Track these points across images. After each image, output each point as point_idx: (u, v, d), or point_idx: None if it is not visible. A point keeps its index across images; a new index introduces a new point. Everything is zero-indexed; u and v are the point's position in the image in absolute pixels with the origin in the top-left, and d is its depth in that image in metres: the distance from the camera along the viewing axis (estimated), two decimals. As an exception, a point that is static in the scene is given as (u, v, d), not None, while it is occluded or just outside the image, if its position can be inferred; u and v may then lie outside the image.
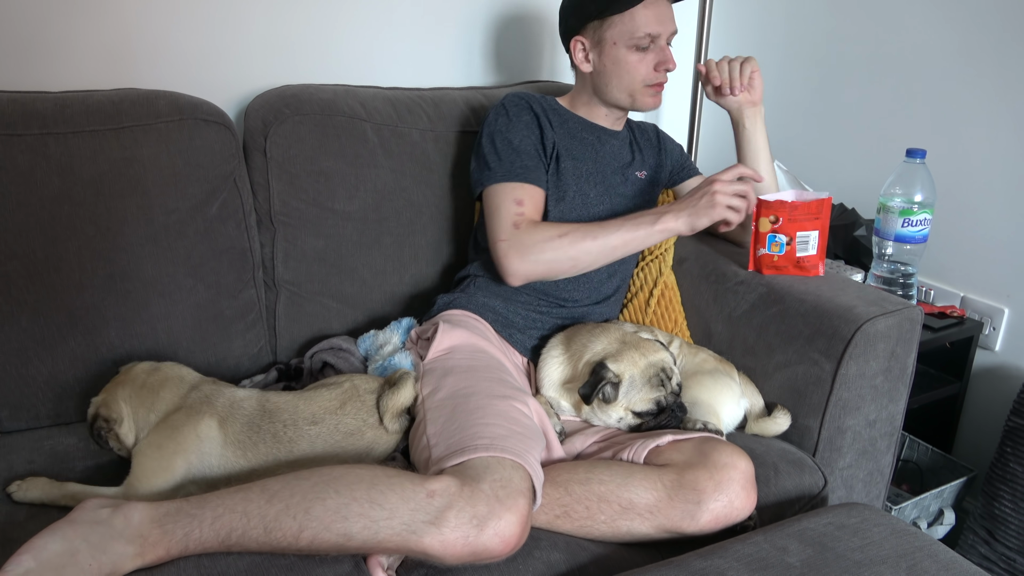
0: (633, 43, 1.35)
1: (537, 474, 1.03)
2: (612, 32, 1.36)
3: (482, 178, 1.36)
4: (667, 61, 1.37)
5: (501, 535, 0.93)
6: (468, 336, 1.29)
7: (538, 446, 1.10)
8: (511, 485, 0.96)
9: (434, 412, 1.12)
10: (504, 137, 1.37)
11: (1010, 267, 1.67)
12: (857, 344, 1.26)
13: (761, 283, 1.42)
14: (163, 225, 1.33)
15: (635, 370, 1.21)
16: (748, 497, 1.08)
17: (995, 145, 1.65)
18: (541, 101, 1.44)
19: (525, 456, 1.02)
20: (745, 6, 2.12)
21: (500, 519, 0.93)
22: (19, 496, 1.07)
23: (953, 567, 0.97)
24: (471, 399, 1.12)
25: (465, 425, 1.06)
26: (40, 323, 1.25)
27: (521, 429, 1.08)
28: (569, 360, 1.30)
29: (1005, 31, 1.61)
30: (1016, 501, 1.48)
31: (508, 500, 0.94)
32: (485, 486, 0.95)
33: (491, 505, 0.93)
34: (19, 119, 1.24)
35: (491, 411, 1.09)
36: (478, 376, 1.19)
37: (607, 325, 1.36)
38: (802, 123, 2.05)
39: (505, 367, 1.27)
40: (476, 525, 0.92)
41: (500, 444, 1.02)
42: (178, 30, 1.53)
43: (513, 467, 0.99)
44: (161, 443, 1.08)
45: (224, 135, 1.39)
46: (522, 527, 0.95)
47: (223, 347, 1.42)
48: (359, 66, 1.73)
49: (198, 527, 0.92)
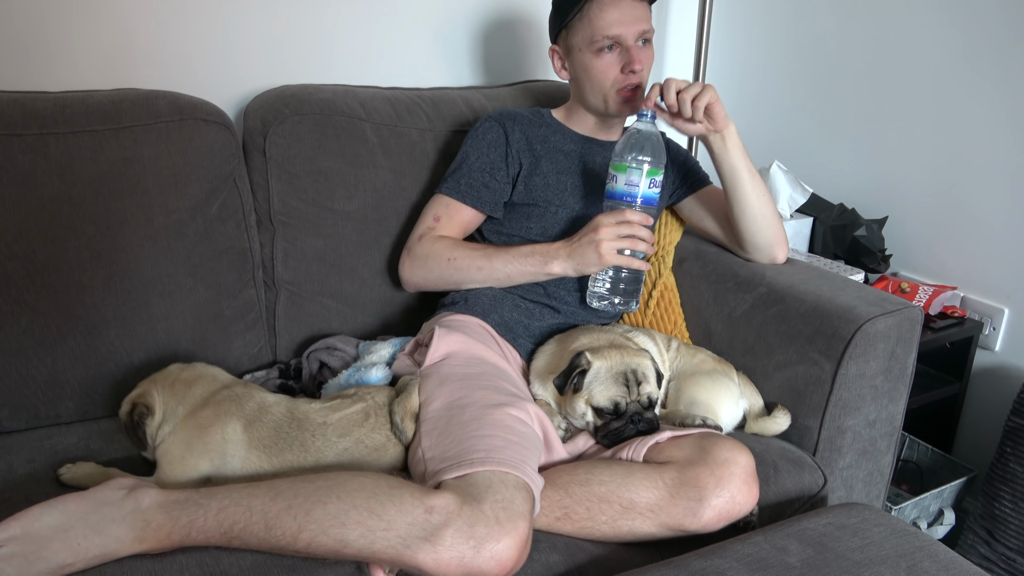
0: (594, 47, 1.34)
1: (536, 483, 1.02)
2: (576, 39, 1.36)
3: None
4: (632, 62, 1.33)
5: (498, 558, 0.91)
6: (465, 341, 1.27)
7: (536, 453, 1.08)
8: (512, 507, 0.94)
9: (429, 424, 1.11)
10: (465, 151, 1.44)
11: (1010, 267, 1.67)
12: (857, 344, 1.26)
13: (761, 283, 1.42)
14: (163, 225, 1.33)
15: (604, 364, 1.18)
16: (750, 492, 1.08)
17: (995, 145, 1.65)
18: (523, 117, 1.46)
19: (523, 467, 1.01)
20: (745, 7, 2.12)
21: (499, 542, 0.91)
22: (66, 478, 1.11)
23: (953, 567, 0.97)
24: (466, 410, 1.10)
25: (461, 438, 1.05)
26: (40, 323, 1.25)
27: (517, 438, 1.06)
28: (557, 353, 1.30)
29: (1005, 32, 1.61)
30: (1016, 501, 1.48)
31: (508, 523, 0.92)
32: (487, 507, 0.93)
33: (490, 527, 0.91)
34: (19, 119, 1.24)
35: (487, 421, 1.08)
36: (473, 384, 1.17)
37: (605, 327, 1.36)
38: (802, 123, 2.05)
39: (503, 371, 1.25)
40: (473, 547, 0.90)
41: (497, 456, 1.00)
42: (178, 30, 1.53)
43: (516, 485, 0.97)
44: (189, 441, 1.08)
45: (224, 135, 1.39)
46: (520, 551, 0.93)
47: (223, 347, 1.42)
48: (358, 66, 1.73)
49: (203, 516, 0.93)
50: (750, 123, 2.14)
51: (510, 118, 1.45)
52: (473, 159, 1.42)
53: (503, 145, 1.42)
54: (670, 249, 1.58)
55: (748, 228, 1.42)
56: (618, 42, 1.34)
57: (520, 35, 1.91)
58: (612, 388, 1.17)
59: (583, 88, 1.41)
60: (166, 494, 0.96)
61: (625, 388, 1.17)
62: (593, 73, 1.37)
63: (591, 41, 1.34)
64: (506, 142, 1.42)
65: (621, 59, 1.35)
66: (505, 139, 1.42)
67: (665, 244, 1.58)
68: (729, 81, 2.18)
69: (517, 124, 1.44)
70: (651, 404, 1.20)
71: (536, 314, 1.40)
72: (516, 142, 1.42)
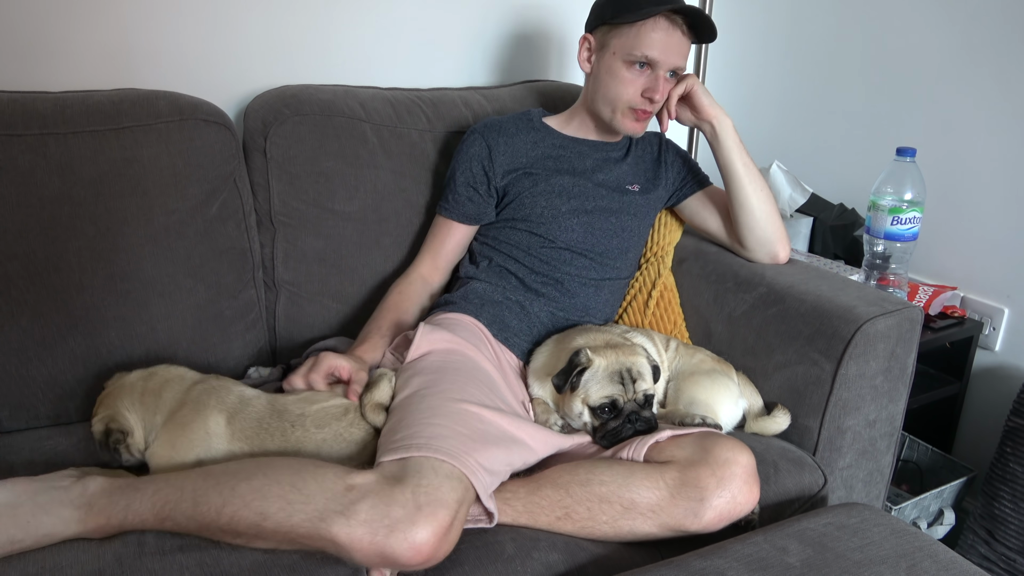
0: (630, 59, 1.34)
1: (479, 478, 0.99)
2: (616, 41, 1.36)
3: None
4: (654, 90, 1.35)
5: (412, 543, 0.89)
6: (449, 339, 1.26)
7: (491, 451, 1.04)
8: (436, 494, 0.92)
9: (392, 413, 1.11)
10: (452, 166, 1.49)
11: (1010, 267, 1.67)
12: (857, 344, 1.26)
13: (761, 283, 1.42)
14: (163, 225, 1.33)
15: (602, 362, 1.18)
16: (751, 491, 1.08)
17: (995, 145, 1.65)
18: (508, 126, 1.47)
19: (463, 458, 0.98)
20: (745, 7, 2.12)
21: (414, 526, 0.89)
22: None
23: (953, 567, 0.97)
24: (426, 399, 1.10)
25: (410, 423, 1.04)
26: (40, 323, 1.25)
27: (468, 431, 1.04)
28: (555, 353, 1.29)
29: (1005, 31, 1.61)
30: (1016, 501, 1.48)
31: (427, 509, 0.90)
32: (408, 490, 0.91)
33: (407, 510, 0.90)
34: (19, 119, 1.24)
35: (441, 411, 1.06)
36: (443, 377, 1.16)
37: (603, 327, 1.36)
38: (802, 123, 2.05)
39: (484, 371, 1.23)
40: (387, 526, 0.88)
41: (436, 444, 0.98)
42: (178, 30, 1.53)
43: (448, 474, 0.95)
44: (174, 441, 1.09)
45: (224, 135, 1.39)
46: (438, 540, 0.90)
47: (223, 347, 1.42)
48: (358, 66, 1.73)
49: (139, 499, 0.96)
50: (750, 123, 2.14)
51: (494, 129, 1.47)
52: (459, 174, 1.46)
53: (486, 159, 1.44)
54: (669, 249, 1.58)
55: (746, 223, 1.43)
56: (651, 65, 1.35)
57: (520, 35, 1.91)
58: (608, 387, 1.17)
59: (598, 88, 1.41)
60: (111, 481, 1.00)
61: (621, 386, 1.17)
62: (616, 80, 1.37)
63: (630, 52, 1.34)
64: (489, 155, 1.44)
65: (646, 81, 1.36)
66: (488, 152, 1.44)
67: (664, 244, 1.58)
68: (729, 81, 2.19)
69: (502, 135, 1.46)
70: (648, 402, 1.19)
71: (531, 309, 1.40)
72: (500, 154, 1.44)
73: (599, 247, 1.45)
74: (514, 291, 1.41)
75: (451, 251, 1.50)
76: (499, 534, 1.05)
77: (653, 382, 1.21)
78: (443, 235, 1.49)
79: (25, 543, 0.94)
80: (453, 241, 1.49)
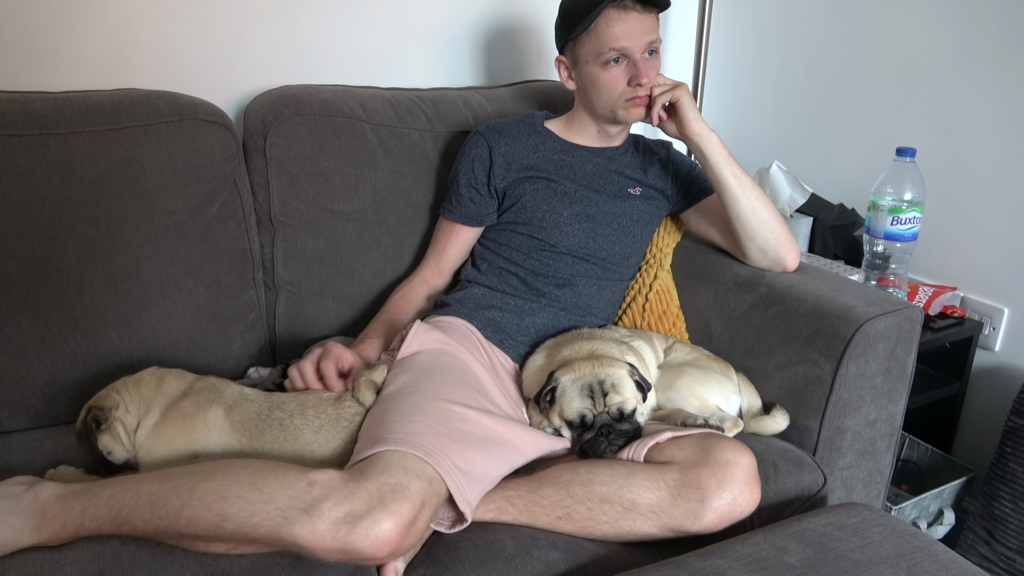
0: (602, 59, 1.34)
1: (452, 477, 0.98)
2: (583, 51, 1.37)
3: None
4: (639, 75, 1.34)
5: (374, 538, 0.88)
6: (441, 339, 1.26)
7: (469, 452, 1.03)
8: (401, 488, 0.91)
9: (374, 408, 1.11)
10: (455, 168, 1.50)
11: (1010, 267, 1.67)
12: (857, 344, 1.26)
13: (761, 283, 1.42)
14: (163, 226, 1.33)
15: (570, 377, 1.19)
16: (752, 493, 1.08)
17: (995, 145, 1.65)
18: (510, 129, 1.47)
19: (438, 456, 0.97)
20: (744, 7, 2.12)
21: (376, 521, 0.88)
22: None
23: (953, 567, 0.97)
24: (409, 397, 1.10)
25: (390, 419, 1.04)
26: (40, 323, 1.25)
27: (448, 430, 1.03)
28: (544, 368, 1.29)
29: (1004, 31, 1.61)
30: (1016, 501, 1.48)
31: (391, 503, 0.89)
32: (372, 485, 0.91)
33: (370, 504, 0.89)
34: (19, 119, 1.24)
35: (422, 408, 1.06)
36: (430, 376, 1.16)
37: (596, 332, 1.35)
38: (802, 123, 2.05)
39: (473, 373, 1.23)
40: (349, 522, 0.87)
41: (412, 440, 0.98)
42: (178, 30, 1.54)
43: (419, 472, 0.94)
44: (173, 434, 1.09)
45: (224, 135, 1.39)
46: (401, 534, 0.89)
47: (223, 348, 1.42)
48: (359, 67, 1.73)
49: (94, 504, 0.95)
50: (750, 124, 2.14)
51: (497, 131, 1.47)
52: (461, 176, 1.47)
53: (488, 160, 1.44)
54: (668, 252, 1.58)
55: (745, 233, 1.42)
56: (625, 55, 1.34)
57: (520, 36, 1.91)
58: (576, 401, 1.18)
59: (591, 99, 1.41)
60: (64, 487, 0.98)
61: (590, 400, 1.17)
62: (600, 86, 1.37)
63: (598, 54, 1.34)
64: (490, 157, 1.44)
65: (628, 71, 1.35)
66: (489, 154, 1.45)
67: (663, 247, 1.58)
68: (729, 82, 2.19)
69: (503, 137, 1.46)
70: (623, 415, 1.18)
71: (530, 311, 1.40)
72: (501, 156, 1.44)
73: (601, 252, 1.45)
74: (514, 293, 1.41)
75: (454, 254, 1.50)
76: (499, 532, 1.05)
77: (636, 394, 1.20)
78: (446, 237, 1.50)
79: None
80: (456, 243, 1.50)
